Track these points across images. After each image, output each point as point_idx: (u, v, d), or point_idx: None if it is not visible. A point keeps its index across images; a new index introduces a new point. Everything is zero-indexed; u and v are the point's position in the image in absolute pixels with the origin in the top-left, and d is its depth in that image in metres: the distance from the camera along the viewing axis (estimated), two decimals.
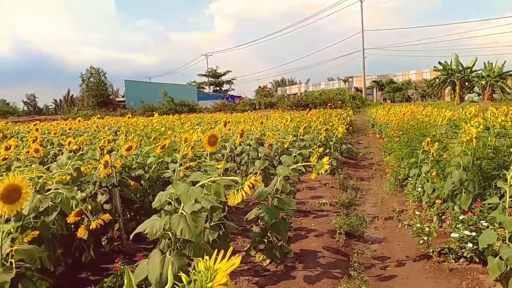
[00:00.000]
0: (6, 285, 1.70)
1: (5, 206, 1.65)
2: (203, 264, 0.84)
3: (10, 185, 1.66)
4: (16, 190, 1.69)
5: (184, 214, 1.91)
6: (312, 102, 34.49)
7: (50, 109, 60.51)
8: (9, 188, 1.66)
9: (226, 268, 0.79)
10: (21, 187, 1.71)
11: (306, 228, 4.05)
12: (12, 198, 1.68)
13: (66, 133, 8.75)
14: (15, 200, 1.70)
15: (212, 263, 0.82)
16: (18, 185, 1.70)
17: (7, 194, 1.66)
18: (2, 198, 1.64)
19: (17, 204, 1.70)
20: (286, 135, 7.27)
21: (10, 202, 1.68)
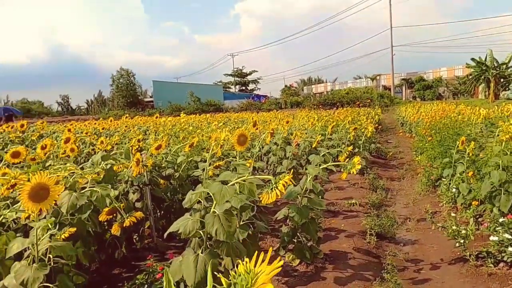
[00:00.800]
0: (38, 280, 1.74)
1: (34, 205, 1.69)
2: (243, 266, 0.82)
3: (38, 184, 1.70)
4: (44, 188, 1.73)
5: (217, 214, 1.91)
6: (339, 101, 34.03)
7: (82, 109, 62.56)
8: (37, 187, 1.70)
9: (268, 272, 0.76)
10: (49, 186, 1.74)
11: (336, 229, 3.98)
12: (40, 196, 1.72)
13: (98, 132, 9.00)
14: (43, 199, 1.73)
15: (252, 266, 0.80)
16: (46, 183, 1.73)
17: (35, 193, 1.69)
18: (30, 197, 1.68)
19: (45, 202, 1.73)
20: (313, 134, 7.20)
21: (39, 201, 1.71)
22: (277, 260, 0.79)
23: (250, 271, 0.78)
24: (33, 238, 1.78)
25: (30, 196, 1.57)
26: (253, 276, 0.77)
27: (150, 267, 2.58)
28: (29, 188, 1.56)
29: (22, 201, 1.56)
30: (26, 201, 1.56)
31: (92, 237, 2.86)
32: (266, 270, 0.77)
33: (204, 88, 53.56)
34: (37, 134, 7.49)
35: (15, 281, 1.66)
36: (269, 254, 0.81)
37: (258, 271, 0.78)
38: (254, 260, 0.81)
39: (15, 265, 1.83)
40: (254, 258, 0.82)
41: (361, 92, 37.92)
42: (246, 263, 0.81)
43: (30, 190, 1.57)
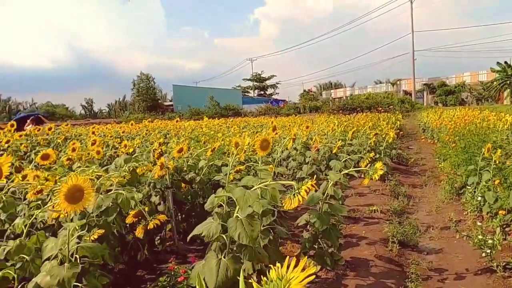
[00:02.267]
0: (72, 280, 1.80)
1: (69, 206, 1.74)
2: (274, 272, 0.82)
3: (74, 185, 1.75)
4: (79, 190, 1.78)
5: (240, 218, 1.93)
6: (358, 106, 33.68)
7: (104, 113, 63.93)
8: (73, 189, 1.75)
9: (302, 279, 0.76)
10: (84, 188, 1.80)
11: (357, 236, 3.94)
12: (76, 198, 1.77)
13: (120, 135, 9.18)
14: (78, 200, 1.78)
15: (284, 272, 0.80)
16: (81, 185, 1.78)
17: (71, 194, 1.74)
18: (66, 198, 1.73)
19: (80, 204, 1.79)
20: (333, 140, 7.16)
21: (74, 202, 1.76)
22: (311, 268, 0.79)
23: (283, 278, 0.78)
24: (65, 239, 1.83)
25: (66, 197, 1.62)
26: (286, 283, 0.77)
27: (172, 270, 2.61)
28: (65, 190, 1.61)
29: (59, 201, 1.61)
30: (62, 201, 1.61)
31: (116, 238, 2.93)
32: (299, 277, 0.77)
33: (223, 92, 53.98)
34: (62, 137, 7.70)
35: (48, 279, 1.71)
36: (304, 261, 0.81)
37: (291, 277, 0.78)
38: (286, 266, 0.81)
39: (45, 264, 1.89)
40: (286, 264, 0.82)
41: (381, 97, 37.47)
42: (278, 269, 0.81)
43: (67, 192, 1.62)
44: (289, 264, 0.83)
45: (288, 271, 0.80)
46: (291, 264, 0.82)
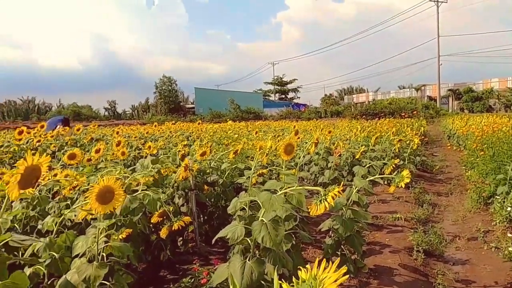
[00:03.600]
0: (99, 278, 1.83)
1: (100, 206, 1.78)
2: (304, 273, 0.82)
3: (105, 186, 1.79)
4: (110, 191, 1.82)
5: (265, 222, 1.93)
6: (381, 111, 33.19)
7: (127, 114, 65.23)
8: (104, 190, 1.79)
9: (335, 279, 0.76)
10: (115, 189, 1.84)
11: (380, 243, 3.87)
12: (106, 199, 1.81)
13: (144, 137, 9.34)
14: (109, 201, 1.82)
15: (315, 272, 0.80)
16: (112, 186, 1.82)
17: (102, 195, 1.78)
18: (98, 198, 1.77)
19: (110, 204, 1.82)
20: (356, 145, 7.07)
21: (105, 203, 1.80)
22: (344, 268, 0.78)
23: (316, 278, 0.78)
24: (94, 237, 1.88)
25: (97, 198, 1.66)
26: (319, 283, 0.77)
27: (195, 272, 2.63)
28: (97, 190, 1.65)
29: (90, 201, 1.65)
30: (94, 202, 1.65)
31: (140, 238, 2.97)
32: (332, 277, 0.77)
33: (244, 95, 54.23)
34: (88, 137, 7.90)
35: (77, 277, 1.75)
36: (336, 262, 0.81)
37: (323, 277, 0.78)
38: (316, 267, 0.81)
39: (75, 262, 1.94)
40: (315, 264, 0.82)
41: (404, 103, 36.83)
42: (308, 270, 0.81)
43: (98, 192, 1.66)
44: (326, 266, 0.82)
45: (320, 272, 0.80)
46: (321, 265, 0.82)
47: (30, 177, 1.40)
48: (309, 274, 0.80)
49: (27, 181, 1.40)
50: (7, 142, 6.78)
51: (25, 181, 1.39)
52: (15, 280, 1.62)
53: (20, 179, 1.36)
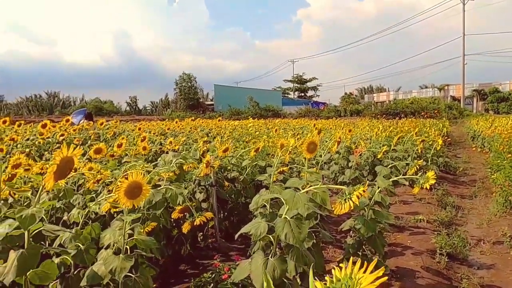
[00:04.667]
0: (124, 270, 1.86)
1: (128, 201, 1.81)
2: (339, 271, 0.81)
3: (133, 181, 1.82)
4: (138, 186, 1.85)
5: (288, 219, 1.92)
6: (402, 111, 32.64)
7: (147, 110, 66.14)
8: (132, 185, 1.82)
9: (373, 279, 0.74)
10: (142, 184, 1.86)
11: (402, 245, 3.82)
12: (134, 194, 1.84)
13: (164, 132, 9.45)
14: (136, 196, 1.85)
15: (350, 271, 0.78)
16: (140, 182, 1.85)
17: (131, 190, 1.81)
18: (126, 193, 1.80)
19: (137, 199, 1.85)
20: (377, 145, 6.97)
21: (132, 197, 1.83)
22: (382, 269, 0.77)
23: (352, 277, 0.77)
24: (121, 230, 1.91)
25: (126, 192, 1.69)
26: (355, 282, 0.75)
27: (216, 267, 2.65)
28: (126, 185, 1.68)
29: (119, 196, 1.69)
30: (122, 196, 1.68)
31: (162, 232, 3.01)
32: (369, 277, 0.75)
33: (263, 93, 54.21)
34: (111, 132, 8.05)
35: (104, 268, 1.79)
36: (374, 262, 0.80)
37: (360, 277, 0.76)
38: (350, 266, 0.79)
39: (101, 253, 1.98)
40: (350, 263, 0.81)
41: (427, 103, 36.08)
42: (343, 269, 0.80)
43: (127, 187, 1.69)
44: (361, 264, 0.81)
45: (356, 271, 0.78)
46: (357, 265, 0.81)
47: (64, 168, 1.44)
48: (344, 273, 0.79)
49: (62, 172, 1.43)
50: (33, 135, 6.98)
51: (60, 172, 1.42)
52: (45, 269, 1.67)
53: (56, 170, 1.39)
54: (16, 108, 54.09)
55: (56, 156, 1.44)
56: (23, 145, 6.03)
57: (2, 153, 4.71)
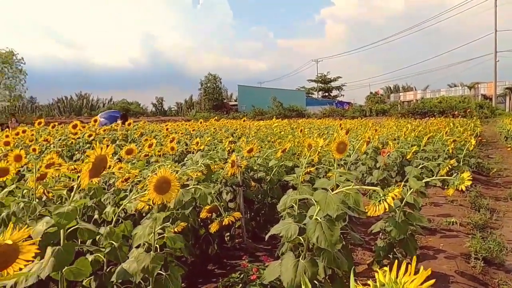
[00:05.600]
0: (156, 268, 1.88)
1: (157, 196, 1.83)
2: (382, 275, 0.78)
3: (162, 177, 1.83)
4: (167, 182, 1.86)
5: (319, 221, 1.89)
6: (430, 110, 31.80)
7: (172, 110, 67.09)
8: (161, 180, 1.83)
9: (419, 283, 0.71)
10: (171, 180, 1.88)
11: (433, 248, 3.69)
12: (163, 189, 1.85)
13: (190, 133, 9.56)
14: (165, 191, 1.86)
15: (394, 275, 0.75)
16: (169, 177, 1.86)
17: (160, 185, 1.83)
18: (155, 188, 1.82)
19: (167, 194, 1.87)
20: (405, 145, 6.81)
21: (162, 193, 1.85)
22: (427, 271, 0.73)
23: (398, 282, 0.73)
24: (152, 229, 1.93)
25: (155, 188, 1.71)
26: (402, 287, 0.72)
27: (245, 268, 2.64)
28: (155, 180, 1.70)
29: (148, 191, 1.71)
30: (152, 192, 1.70)
31: (190, 232, 3.03)
32: (416, 281, 0.72)
33: (287, 93, 54.02)
34: (138, 133, 8.21)
35: (136, 265, 1.81)
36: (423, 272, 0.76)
37: (406, 281, 0.73)
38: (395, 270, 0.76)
39: (133, 251, 2.01)
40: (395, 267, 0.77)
41: (456, 102, 34.98)
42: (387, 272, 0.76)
43: (156, 182, 1.71)
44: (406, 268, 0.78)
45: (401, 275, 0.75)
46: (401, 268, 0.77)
47: (99, 166, 1.46)
48: (389, 277, 0.75)
49: (96, 170, 1.46)
50: (64, 136, 7.20)
51: (95, 170, 1.45)
52: (80, 266, 1.70)
53: (91, 168, 1.42)
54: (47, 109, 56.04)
55: (90, 154, 1.46)
56: (55, 145, 6.22)
57: (36, 153, 4.88)
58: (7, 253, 0.79)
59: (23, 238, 0.82)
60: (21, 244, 0.81)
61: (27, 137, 6.29)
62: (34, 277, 1.48)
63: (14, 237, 0.80)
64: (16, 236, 0.80)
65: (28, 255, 0.82)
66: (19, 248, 0.81)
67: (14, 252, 0.80)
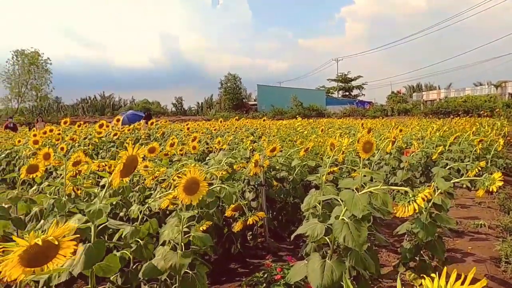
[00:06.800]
0: (183, 267, 1.89)
1: (186, 196, 1.84)
2: (430, 282, 0.75)
3: (192, 178, 1.85)
4: (196, 183, 1.87)
5: (346, 221, 1.86)
6: (454, 110, 31.01)
7: (192, 110, 67.69)
8: (191, 181, 1.84)
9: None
10: (199, 180, 1.89)
11: (461, 251, 3.59)
12: (192, 189, 1.87)
13: (210, 132, 9.62)
14: (194, 192, 1.88)
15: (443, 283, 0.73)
16: (197, 178, 1.87)
17: (189, 186, 1.84)
18: (185, 189, 1.83)
19: (195, 195, 1.88)
20: (430, 145, 6.65)
21: (190, 194, 1.86)
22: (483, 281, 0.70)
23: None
24: (179, 227, 1.94)
25: (184, 189, 1.72)
26: None
27: (269, 267, 2.63)
28: (184, 181, 1.71)
29: (178, 192, 1.72)
30: (181, 192, 1.71)
31: (214, 231, 3.04)
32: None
33: (306, 92, 53.73)
34: (160, 132, 8.31)
35: (163, 263, 1.83)
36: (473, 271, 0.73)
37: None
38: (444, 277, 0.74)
39: (159, 249, 2.03)
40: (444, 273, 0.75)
41: (482, 101, 33.99)
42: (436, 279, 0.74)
43: (185, 183, 1.72)
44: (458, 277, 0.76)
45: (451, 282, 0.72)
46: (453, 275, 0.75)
47: (129, 166, 1.48)
48: (437, 284, 0.73)
49: (127, 170, 1.48)
50: (89, 135, 7.36)
51: (126, 170, 1.47)
52: (109, 262, 1.73)
53: (122, 168, 1.44)
54: (72, 109, 57.49)
55: (122, 155, 1.48)
56: (81, 143, 6.37)
57: (63, 151, 5.00)
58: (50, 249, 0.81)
59: (64, 234, 0.83)
60: (61, 240, 0.83)
61: (54, 136, 6.46)
62: (67, 274, 1.51)
63: (56, 233, 0.81)
64: (58, 232, 0.82)
65: (67, 250, 0.84)
66: (60, 244, 0.83)
67: (55, 248, 0.82)
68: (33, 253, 0.78)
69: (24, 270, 0.77)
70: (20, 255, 0.77)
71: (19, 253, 0.76)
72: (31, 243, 0.78)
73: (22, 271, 0.77)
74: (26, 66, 48.80)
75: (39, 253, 0.79)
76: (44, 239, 0.79)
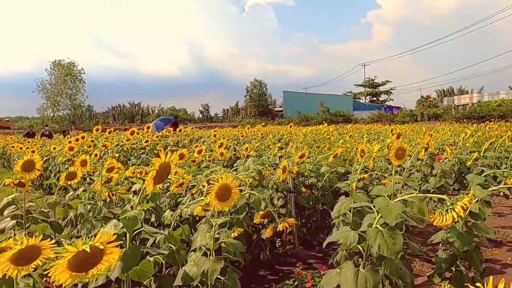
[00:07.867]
0: (215, 273, 1.91)
1: (219, 203, 1.85)
2: None
3: (224, 184, 1.86)
4: (228, 189, 1.88)
5: (380, 230, 1.82)
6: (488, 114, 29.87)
7: (218, 117, 68.43)
8: (223, 187, 1.86)
9: None
10: (232, 187, 1.90)
11: (500, 262, 3.44)
12: (224, 196, 1.88)
13: (237, 138, 9.68)
14: (226, 199, 1.89)
15: None
16: (229, 185, 1.88)
17: (221, 192, 1.85)
18: (217, 196, 1.84)
19: (227, 202, 1.89)
20: (463, 151, 6.44)
21: (222, 200, 1.87)
22: None
23: None
24: (211, 233, 1.96)
25: (217, 195, 1.74)
26: None
27: (299, 275, 2.61)
28: (217, 188, 1.73)
29: (210, 198, 1.74)
30: (213, 199, 1.73)
31: (243, 237, 3.05)
32: None
33: (333, 98, 53.23)
34: (188, 139, 8.45)
35: (196, 269, 1.85)
36: None
37: None
38: None
39: (190, 255, 2.05)
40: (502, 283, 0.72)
41: None
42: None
43: (218, 189, 1.73)
44: None
45: None
46: None
47: (162, 173, 1.51)
48: None
49: (160, 177, 1.51)
50: (121, 142, 7.57)
51: (159, 177, 1.50)
52: (144, 268, 1.76)
53: (155, 175, 1.47)
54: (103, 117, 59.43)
55: (155, 162, 1.52)
56: (113, 150, 6.55)
57: (97, 158, 5.17)
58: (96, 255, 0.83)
59: (109, 240, 0.86)
60: (105, 246, 0.86)
61: (86, 143, 6.69)
62: (103, 278, 1.55)
63: (103, 240, 0.84)
64: (104, 239, 0.85)
65: (111, 256, 0.87)
66: (104, 250, 0.86)
67: (101, 254, 0.85)
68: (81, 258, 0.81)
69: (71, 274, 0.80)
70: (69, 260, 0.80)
71: (68, 258, 0.80)
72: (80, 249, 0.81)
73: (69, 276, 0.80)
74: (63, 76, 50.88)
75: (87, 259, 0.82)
76: (92, 246, 0.82)
